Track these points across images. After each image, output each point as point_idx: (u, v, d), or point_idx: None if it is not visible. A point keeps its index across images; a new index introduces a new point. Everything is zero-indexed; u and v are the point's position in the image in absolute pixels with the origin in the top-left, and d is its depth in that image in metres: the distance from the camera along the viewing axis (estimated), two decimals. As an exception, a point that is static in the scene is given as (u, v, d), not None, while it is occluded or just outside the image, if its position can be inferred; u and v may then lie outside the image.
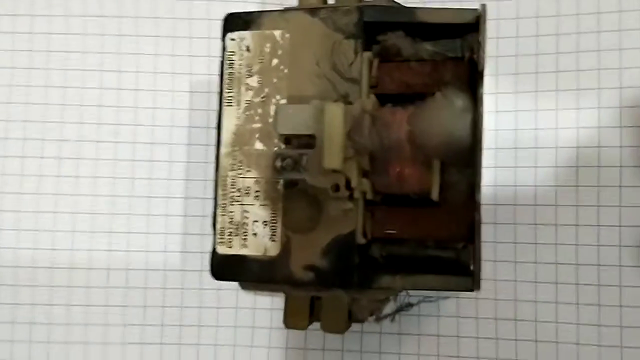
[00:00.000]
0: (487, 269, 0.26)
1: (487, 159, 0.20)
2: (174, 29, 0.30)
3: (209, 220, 0.23)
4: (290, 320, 0.24)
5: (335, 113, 0.20)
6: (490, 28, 0.27)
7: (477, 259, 0.20)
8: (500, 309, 0.27)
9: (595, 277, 0.27)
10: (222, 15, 0.24)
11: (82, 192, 0.30)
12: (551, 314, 0.26)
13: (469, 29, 0.22)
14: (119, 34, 0.30)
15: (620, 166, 0.27)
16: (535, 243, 0.27)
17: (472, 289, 0.21)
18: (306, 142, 0.21)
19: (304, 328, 0.24)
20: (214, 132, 0.24)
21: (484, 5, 0.21)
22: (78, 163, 0.30)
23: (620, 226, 0.27)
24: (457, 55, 0.23)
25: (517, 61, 0.28)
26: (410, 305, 0.25)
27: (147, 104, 0.30)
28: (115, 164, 0.30)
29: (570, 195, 0.27)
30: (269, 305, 0.28)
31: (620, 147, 0.27)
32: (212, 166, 0.27)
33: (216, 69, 0.30)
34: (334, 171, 0.21)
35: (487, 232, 0.26)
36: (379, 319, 0.24)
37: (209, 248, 0.23)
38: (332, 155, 0.20)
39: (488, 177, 0.20)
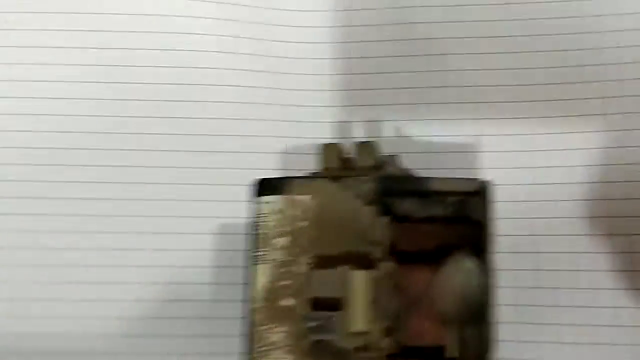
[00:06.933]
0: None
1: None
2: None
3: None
4: None
5: (360, 280, 0.23)
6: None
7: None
8: None
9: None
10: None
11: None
12: None
13: (472, 195, 0.25)
14: None
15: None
16: None
17: None
18: (333, 303, 0.24)
19: None
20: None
21: (488, 181, 0.24)
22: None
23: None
24: (464, 215, 0.26)
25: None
26: None
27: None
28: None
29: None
30: None
31: None
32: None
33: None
34: (360, 333, 0.23)
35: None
36: None
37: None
38: (359, 319, 0.23)
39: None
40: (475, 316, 0.23)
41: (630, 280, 0.29)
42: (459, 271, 0.23)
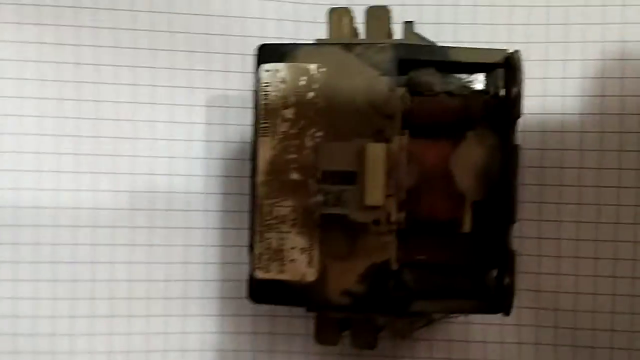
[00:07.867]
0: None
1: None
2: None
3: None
4: (322, 336, 0.25)
5: (377, 153, 0.21)
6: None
7: (511, 287, 0.22)
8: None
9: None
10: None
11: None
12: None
13: (496, 67, 0.23)
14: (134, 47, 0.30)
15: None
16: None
17: (505, 312, 0.22)
18: (344, 177, 0.23)
19: (335, 344, 0.25)
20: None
21: (518, 51, 0.22)
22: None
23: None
24: (487, 88, 0.24)
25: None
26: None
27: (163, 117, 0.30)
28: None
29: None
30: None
31: None
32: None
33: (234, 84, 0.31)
34: (374, 207, 0.22)
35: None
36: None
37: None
38: (374, 192, 0.21)
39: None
40: (494, 193, 0.23)
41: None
42: (479, 146, 0.22)
